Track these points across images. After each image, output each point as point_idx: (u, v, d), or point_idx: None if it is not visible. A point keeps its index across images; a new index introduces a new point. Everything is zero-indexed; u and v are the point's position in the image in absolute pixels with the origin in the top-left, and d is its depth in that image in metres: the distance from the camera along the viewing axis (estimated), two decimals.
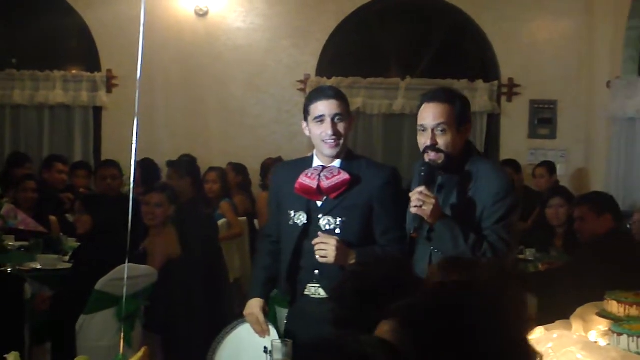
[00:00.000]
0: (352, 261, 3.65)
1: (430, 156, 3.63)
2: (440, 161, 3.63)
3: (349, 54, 10.26)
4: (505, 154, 9.86)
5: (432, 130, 3.63)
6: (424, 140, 3.66)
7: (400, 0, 10.10)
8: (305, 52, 10.02)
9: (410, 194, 3.56)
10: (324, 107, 3.79)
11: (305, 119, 3.88)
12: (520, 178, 8.71)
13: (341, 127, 3.81)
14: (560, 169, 9.52)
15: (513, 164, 8.79)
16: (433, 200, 3.50)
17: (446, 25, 10.20)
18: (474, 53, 10.34)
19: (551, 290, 5.31)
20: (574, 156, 9.90)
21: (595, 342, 3.52)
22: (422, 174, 3.59)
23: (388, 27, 10.26)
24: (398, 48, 10.34)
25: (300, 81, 9.99)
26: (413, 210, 3.52)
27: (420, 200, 3.49)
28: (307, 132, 3.92)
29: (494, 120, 10.11)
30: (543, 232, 7.04)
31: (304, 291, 3.92)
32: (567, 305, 3.96)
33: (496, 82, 10.01)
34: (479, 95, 9.90)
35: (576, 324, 3.70)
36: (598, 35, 9.50)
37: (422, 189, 3.51)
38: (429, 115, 3.66)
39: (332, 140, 3.78)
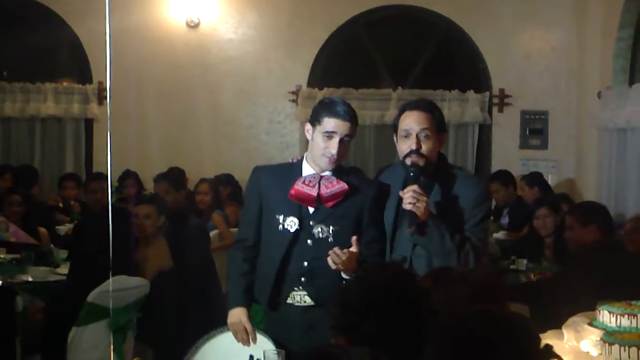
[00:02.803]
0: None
1: (413, 159, 3.79)
2: (422, 164, 3.78)
3: (341, 64, 10.26)
4: (496, 164, 9.87)
5: (417, 136, 3.80)
6: (407, 145, 3.83)
7: (392, 11, 10.10)
8: (296, 63, 10.03)
9: (401, 193, 3.69)
10: (338, 127, 3.83)
11: (312, 124, 3.89)
12: (508, 191, 8.74)
13: (347, 147, 3.86)
14: (551, 179, 9.54)
15: (502, 177, 8.83)
16: (425, 198, 3.65)
17: (438, 36, 10.22)
18: (465, 64, 10.36)
19: (542, 300, 5.32)
20: (565, 166, 9.91)
21: (587, 352, 3.53)
22: (412, 174, 3.74)
23: (380, 38, 10.27)
24: (390, 59, 10.35)
25: (292, 92, 10.00)
26: (407, 207, 3.65)
27: (414, 198, 3.62)
28: (308, 136, 3.94)
29: (485, 131, 10.13)
30: (533, 242, 7.05)
31: (286, 299, 3.91)
32: (558, 315, 3.96)
33: (487, 93, 10.02)
34: (470, 106, 9.93)
35: (568, 334, 3.69)
36: (588, 45, 9.53)
37: (414, 187, 3.66)
38: (414, 121, 3.84)
39: (334, 158, 3.82)
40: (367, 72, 10.30)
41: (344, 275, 3.71)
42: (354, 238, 3.72)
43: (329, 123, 3.82)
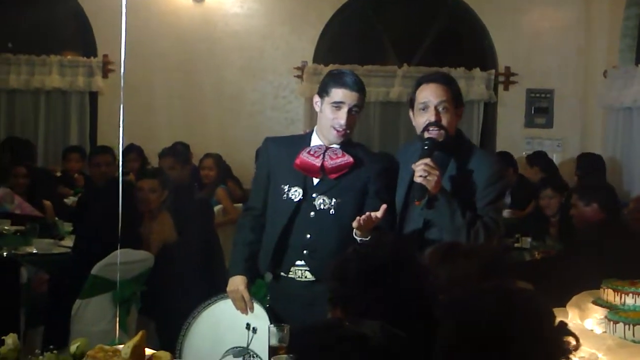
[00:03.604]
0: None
1: (432, 133, 3.73)
2: (441, 139, 3.73)
3: (346, 40, 10.23)
4: (501, 142, 9.86)
5: (435, 108, 3.74)
6: (425, 118, 3.77)
7: None
8: (302, 38, 10.00)
9: (414, 165, 3.64)
10: (346, 97, 3.81)
11: (321, 96, 3.88)
12: (509, 172, 8.72)
13: (354, 118, 3.84)
14: (556, 158, 9.53)
15: (505, 157, 8.81)
16: (437, 172, 3.59)
17: (444, 13, 10.18)
18: (471, 41, 10.32)
19: (547, 279, 5.33)
20: (570, 145, 9.89)
21: (591, 330, 3.54)
22: (426, 147, 3.68)
23: (386, 14, 10.24)
24: (395, 35, 10.32)
25: (297, 68, 9.98)
26: (418, 179, 3.60)
27: (425, 171, 3.57)
28: (316, 107, 3.94)
29: (490, 109, 10.11)
30: (538, 221, 7.06)
31: (288, 272, 3.91)
32: (562, 294, 3.97)
33: (493, 71, 10.00)
34: (476, 84, 9.90)
35: (572, 312, 3.71)
36: (595, 24, 9.50)
37: (427, 160, 3.60)
38: (432, 93, 3.78)
39: (342, 130, 3.82)
40: (372, 48, 10.27)
41: (354, 236, 3.68)
42: (383, 206, 3.64)
43: (337, 93, 3.82)
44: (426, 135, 3.74)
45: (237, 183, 8.74)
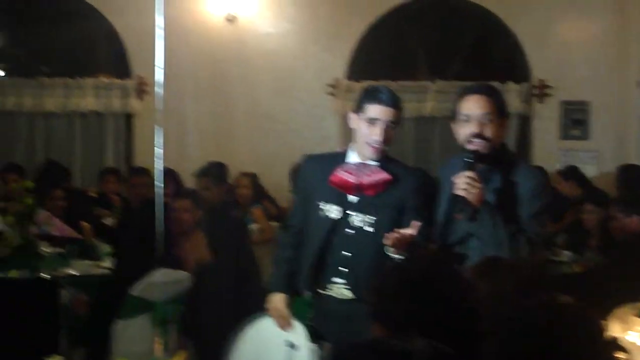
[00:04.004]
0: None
1: (475, 145, 3.68)
2: (485, 151, 3.68)
3: (379, 57, 10.22)
4: (536, 155, 9.80)
5: (478, 119, 3.69)
6: (468, 130, 3.71)
7: (430, 2, 10.05)
8: (334, 55, 10.01)
9: (456, 178, 3.59)
10: (381, 113, 3.82)
11: (356, 113, 3.89)
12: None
13: (390, 134, 3.83)
14: (592, 170, 9.45)
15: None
16: (479, 185, 3.55)
17: (476, 27, 10.16)
18: (504, 54, 10.27)
19: (588, 292, 5.27)
20: (607, 157, 9.81)
21: (634, 343, 3.50)
22: (468, 160, 3.63)
23: (417, 29, 10.24)
24: (427, 50, 10.31)
25: (330, 85, 9.98)
26: (460, 192, 3.55)
27: (467, 184, 3.53)
28: (352, 125, 3.94)
29: (525, 122, 10.05)
30: (576, 233, 7.00)
31: (327, 290, 3.91)
32: (604, 307, 3.92)
33: (527, 84, 9.95)
34: (510, 97, 9.82)
35: (614, 326, 3.66)
36: (630, 35, 9.43)
37: (469, 173, 3.56)
38: (476, 105, 3.72)
39: (378, 146, 3.82)
40: (405, 64, 10.27)
41: (388, 253, 3.66)
42: (414, 222, 3.64)
43: (372, 109, 3.82)
44: (469, 146, 3.70)
45: (272, 202, 8.75)
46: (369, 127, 3.83)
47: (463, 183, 3.55)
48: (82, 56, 10.35)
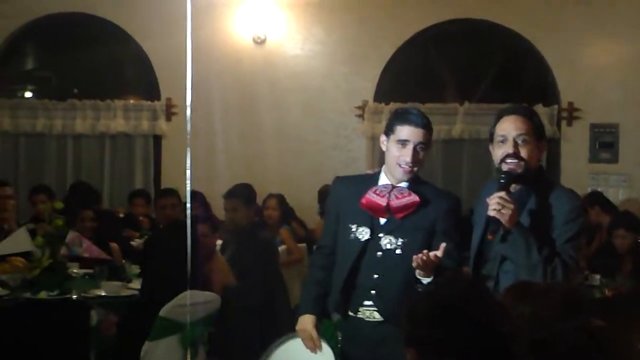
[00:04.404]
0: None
1: (510, 165, 3.66)
2: (520, 170, 3.65)
3: (407, 79, 10.23)
4: (565, 178, 9.73)
5: (514, 140, 3.67)
6: (503, 151, 3.69)
7: (459, 25, 10.05)
8: (363, 77, 10.03)
9: (489, 199, 3.56)
10: (412, 134, 3.82)
11: (387, 135, 3.89)
12: None
13: (421, 155, 3.83)
14: (622, 194, 9.39)
15: None
16: (512, 206, 3.51)
17: (504, 49, 10.14)
18: (533, 77, 10.24)
19: (618, 316, 5.23)
20: (636, 180, 9.74)
21: None
22: (502, 181, 3.61)
23: (446, 52, 10.23)
24: (456, 73, 10.30)
25: (358, 107, 10.00)
26: (492, 213, 3.52)
27: (499, 205, 3.49)
28: (383, 147, 3.95)
29: (554, 145, 9.99)
30: (608, 257, 6.95)
31: (357, 312, 3.90)
32: (636, 330, 3.88)
33: (556, 107, 9.91)
34: None
35: None
36: None
37: (502, 193, 3.53)
38: (511, 125, 3.70)
39: (409, 167, 3.82)
40: (433, 86, 10.26)
41: (418, 276, 3.65)
42: (442, 245, 3.62)
43: (402, 131, 3.83)
44: (503, 167, 3.67)
45: (300, 223, 8.76)
46: (399, 148, 3.84)
47: (495, 204, 3.51)
48: (112, 78, 10.43)
